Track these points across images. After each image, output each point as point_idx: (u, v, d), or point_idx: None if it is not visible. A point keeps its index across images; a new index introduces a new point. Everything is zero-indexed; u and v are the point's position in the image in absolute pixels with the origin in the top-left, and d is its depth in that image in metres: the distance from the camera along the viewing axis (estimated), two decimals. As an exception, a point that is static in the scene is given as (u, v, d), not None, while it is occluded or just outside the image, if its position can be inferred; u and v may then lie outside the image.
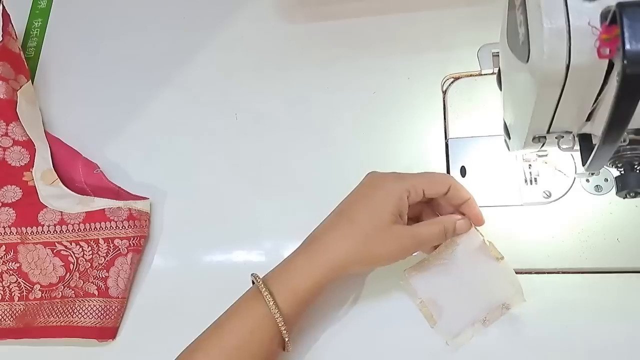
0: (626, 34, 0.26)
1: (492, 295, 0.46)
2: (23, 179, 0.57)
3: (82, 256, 0.54)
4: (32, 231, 0.56)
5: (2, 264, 0.55)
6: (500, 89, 0.44)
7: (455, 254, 0.46)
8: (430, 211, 0.48)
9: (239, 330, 0.43)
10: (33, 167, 0.57)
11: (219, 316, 0.45)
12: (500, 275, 0.45)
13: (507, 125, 0.44)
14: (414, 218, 0.47)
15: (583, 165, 0.37)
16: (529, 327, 0.46)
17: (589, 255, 0.46)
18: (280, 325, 0.42)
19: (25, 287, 0.55)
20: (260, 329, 0.43)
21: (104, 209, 0.55)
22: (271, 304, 0.42)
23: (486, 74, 0.54)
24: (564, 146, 0.37)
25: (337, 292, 0.48)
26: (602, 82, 0.31)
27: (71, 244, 0.55)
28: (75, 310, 0.53)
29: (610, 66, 0.30)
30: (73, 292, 0.53)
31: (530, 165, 0.49)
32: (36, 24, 0.69)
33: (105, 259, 0.53)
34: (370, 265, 0.47)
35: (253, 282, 0.46)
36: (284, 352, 0.44)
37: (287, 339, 0.43)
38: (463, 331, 0.46)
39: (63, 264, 0.54)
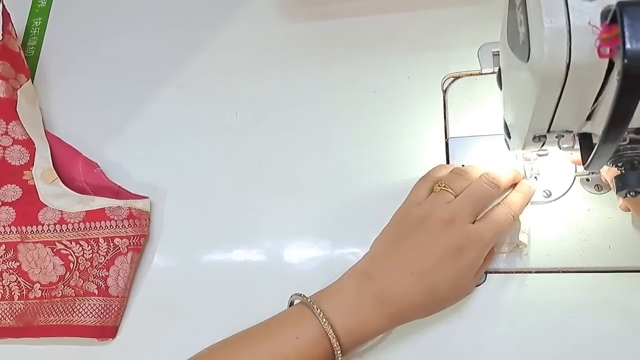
0: (626, 33, 0.26)
1: None
2: (23, 178, 0.57)
3: (82, 255, 0.54)
4: (32, 230, 0.56)
5: (2, 263, 0.55)
6: (501, 88, 0.44)
7: None
8: None
9: (290, 347, 0.42)
10: (33, 166, 0.57)
11: (256, 326, 0.44)
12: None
13: (508, 124, 0.44)
14: None
15: (583, 164, 0.37)
16: (529, 326, 0.46)
17: (589, 254, 0.46)
18: (334, 345, 0.41)
19: (25, 286, 0.55)
20: (313, 349, 0.41)
21: (104, 208, 0.55)
22: (324, 321, 0.41)
23: (486, 73, 0.54)
24: (564, 145, 0.37)
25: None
26: (602, 81, 0.31)
27: (71, 243, 0.55)
28: (75, 309, 0.53)
29: (611, 65, 0.30)
30: (73, 291, 0.53)
31: (530, 164, 0.49)
32: (36, 22, 0.69)
33: (105, 258, 0.53)
34: None
35: (291, 304, 0.45)
36: None
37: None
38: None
39: (63, 263, 0.54)
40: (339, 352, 0.41)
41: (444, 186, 0.46)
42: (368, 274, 0.44)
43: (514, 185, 0.48)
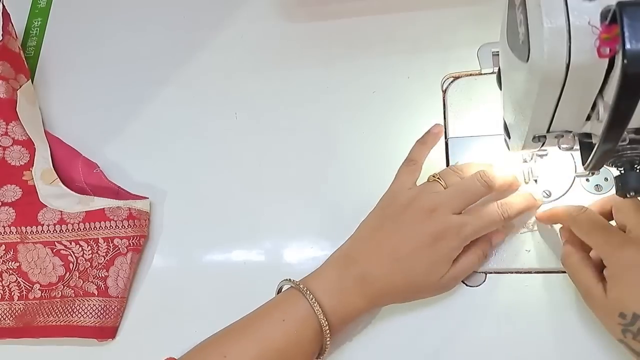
0: (626, 34, 0.26)
1: None
2: (23, 178, 0.57)
3: (82, 256, 0.54)
4: (31, 230, 0.56)
5: (2, 263, 0.55)
6: (500, 89, 0.44)
7: None
8: None
9: (278, 331, 0.42)
10: (33, 166, 0.57)
11: (245, 317, 0.45)
12: None
13: (507, 124, 0.44)
14: None
15: (583, 164, 0.37)
16: (529, 326, 0.46)
17: (589, 254, 0.46)
18: (322, 323, 0.42)
19: (25, 286, 0.55)
20: (300, 330, 0.42)
21: (103, 208, 0.55)
22: (313, 301, 0.42)
23: (486, 74, 0.54)
24: (564, 146, 0.37)
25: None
26: (602, 81, 0.31)
27: (71, 244, 0.55)
28: (74, 310, 0.53)
29: (611, 65, 0.30)
30: (73, 291, 0.53)
31: (529, 166, 0.49)
32: (36, 23, 0.69)
33: (105, 259, 0.53)
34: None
35: (279, 291, 0.46)
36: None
37: (327, 341, 0.43)
38: None
39: (63, 263, 0.54)
40: (327, 330, 0.42)
41: (438, 178, 0.47)
42: (350, 256, 0.46)
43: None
